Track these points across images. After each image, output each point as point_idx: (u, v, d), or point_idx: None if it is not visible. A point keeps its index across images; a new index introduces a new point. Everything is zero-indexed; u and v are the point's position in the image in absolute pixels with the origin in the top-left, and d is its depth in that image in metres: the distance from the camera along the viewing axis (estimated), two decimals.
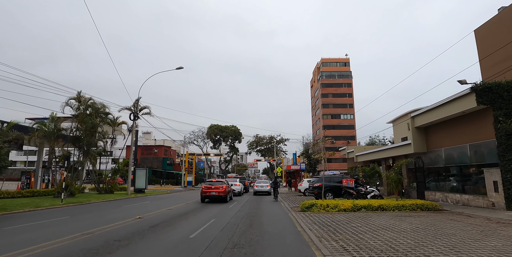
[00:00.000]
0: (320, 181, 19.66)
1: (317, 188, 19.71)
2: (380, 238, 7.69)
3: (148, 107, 29.87)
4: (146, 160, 70.74)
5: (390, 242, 7.19)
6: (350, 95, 76.43)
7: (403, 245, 6.85)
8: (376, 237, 7.76)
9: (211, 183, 20.47)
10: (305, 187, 27.19)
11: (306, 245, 7.05)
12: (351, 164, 36.81)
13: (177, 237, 8.09)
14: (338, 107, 75.60)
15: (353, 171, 27.08)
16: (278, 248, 6.75)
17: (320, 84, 77.41)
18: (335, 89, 76.47)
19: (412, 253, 6.09)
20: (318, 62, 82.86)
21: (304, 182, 27.63)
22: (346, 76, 77.68)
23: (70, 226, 10.06)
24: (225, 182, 21.15)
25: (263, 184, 28.67)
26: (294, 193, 32.70)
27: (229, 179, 28.00)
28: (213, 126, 73.93)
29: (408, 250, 6.36)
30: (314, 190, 20.54)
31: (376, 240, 7.44)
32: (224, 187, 19.98)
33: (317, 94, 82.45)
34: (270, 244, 7.22)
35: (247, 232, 8.90)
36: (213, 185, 20.01)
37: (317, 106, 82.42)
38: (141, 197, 24.51)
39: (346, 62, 78.71)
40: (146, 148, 72.59)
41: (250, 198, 24.20)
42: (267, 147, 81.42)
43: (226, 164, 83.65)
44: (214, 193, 19.65)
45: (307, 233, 8.51)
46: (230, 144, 76.13)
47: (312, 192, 21.19)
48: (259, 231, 9.13)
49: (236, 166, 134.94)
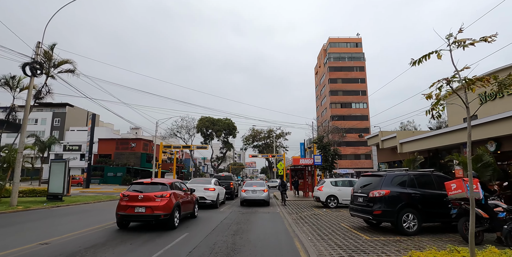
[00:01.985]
0: (383, 185, 8.37)
1: (378, 202, 8.19)
2: None
3: (71, 61, 18.49)
4: (121, 156, 59.46)
5: None
6: (362, 80, 65.15)
7: None
8: None
9: (142, 187, 9.25)
10: (328, 194, 16.01)
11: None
12: (387, 157, 25.56)
13: None
14: (348, 94, 64.32)
15: (410, 164, 15.70)
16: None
17: (328, 68, 66.09)
18: (345, 73, 65.18)
19: None
20: (324, 44, 71.56)
21: (326, 185, 16.39)
22: (358, 58, 66.38)
23: None
24: (174, 185, 9.82)
25: (256, 187, 17.41)
26: (304, 200, 21.43)
27: (195, 181, 16.59)
28: (204, 118, 62.80)
29: None
30: (370, 207, 8.48)
31: None
32: (167, 196, 8.86)
33: (323, 81, 71.15)
34: None
35: None
36: (142, 194, 8.81)
37: (323, 95, 71.13)
38: (30, 212, 13.16)
39: (357, 42, 67.42)
40: (121, 141, 61.18)
41: (231, 215, 12.98)
42: (265, 142, 70.44)
43: (219, 161, 72.39)
44: (142, 211, 8.52)
45: None
46: (223, 139, 65.07)
47: (360, 211, 9.15)
48: None
49: (231, 164, 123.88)
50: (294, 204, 18.39)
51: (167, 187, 9.17)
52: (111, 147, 60.52)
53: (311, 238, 7.72)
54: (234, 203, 19.31)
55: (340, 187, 16.21)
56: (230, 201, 20.38)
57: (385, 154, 25.76)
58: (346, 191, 16.11)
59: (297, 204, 18.36)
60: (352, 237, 7.77)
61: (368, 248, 6.61)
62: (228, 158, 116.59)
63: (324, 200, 15.96)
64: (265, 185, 18.28)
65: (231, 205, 17.84)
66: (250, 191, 17.09)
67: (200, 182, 15.87)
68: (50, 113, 67.40)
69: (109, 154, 60.31)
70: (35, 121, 66.65)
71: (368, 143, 28.17)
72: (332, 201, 15.95)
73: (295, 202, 19.85)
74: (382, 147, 24.30)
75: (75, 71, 18.48)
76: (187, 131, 57.59)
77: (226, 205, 17.73)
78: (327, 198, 15.95)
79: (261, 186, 17.70)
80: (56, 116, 67.38)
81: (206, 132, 62.87)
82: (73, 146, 64.76)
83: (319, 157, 22.19)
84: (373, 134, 26.09)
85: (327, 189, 16.19)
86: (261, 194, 16.99)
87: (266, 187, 17.89)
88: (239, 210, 14.83)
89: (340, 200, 15.94)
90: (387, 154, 25.32)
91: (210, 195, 15.05)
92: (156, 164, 38.36)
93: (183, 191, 10.69)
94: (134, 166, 57.47)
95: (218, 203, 15.76)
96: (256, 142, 70.22)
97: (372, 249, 6.47)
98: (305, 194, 25.86)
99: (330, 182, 16.49)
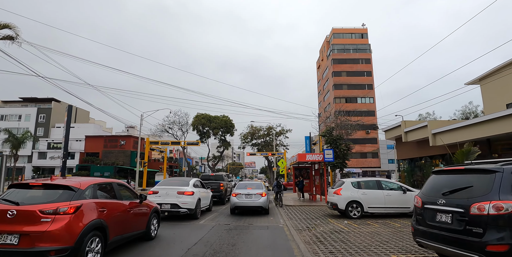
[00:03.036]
0: (504, 190, 3.99)
1: (498, 227, 3.87)
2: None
3: (12, 26, 14.12)
4: (110, 154, 55.25)
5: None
6: (369, 73, 60.81)
7: None
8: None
9: (23, 194, 4.92)
10: (349, 199, 11.69)
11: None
12: (411, 152, 21.30)
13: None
14: (353, 88, 59.98)
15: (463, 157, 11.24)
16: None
17: (331, 60, 61.75)
18: (350, 66, 60.84)
19: None
20: (327, 35, 67.28)
21: (345, 187, 12.04)
22: (363, 50, 62.04)
23: None
24: (94, 191, 5.46)
25: (252, 190, 12.91)
26: (311, 205, 17.17)
27: (166, 183, 12.00)
28: (200, 115, 58.48)
29: None
30: (475, 235, 3.96)
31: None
32: (68, 212, 4.51)
33: (326, 75, 66.84)
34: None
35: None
36: (16, 207, 4.47)
37: (326, 90, 66.84)
38: None
39: (363, 33, 63.11)
40: (110, 139, 56.85)
41: (211, 233, 8.71)
42: (264, 140, 66.17)
43: (216, 161, 68.11)
44: (8, 242, 4.17)
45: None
46: (220, 137, 60.81)
47: (448, 240, 4.36)
48: None
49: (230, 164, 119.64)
50: (301, 211, 14.09)
51: (74, 195, 4.83)
52: (99, 145, 56.21)
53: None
54: (223, 210, 15.00)
55: (364, 190, 11.93)
56: (219, 207, 16.07)
57: (408, 149, 21.43)
58: (373, 195, 11.82)
59: (304, 211, 14.05)
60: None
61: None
62: (226, 158, 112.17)
63: (344, 208, 11.65)
64: (263, 187, 13.92)
65: (219, 213, 13.53)
66: (243, 196, 12.72)
67: (174, 183, 11.52)
68: (35, 108, 63.04)
69: (97, 153, 56.01)
70: (18, 117, 62.35)
71: (386, 137, 23.83)
72: (354, 209, 11.65)
73: (301, 208, 15.54)
74: (406, 140, 19.98)
75: (16, 39, 14.13)
76: (180, 127, 53.10)
77: (212, 213, 13.41)
78: (348, 205, 11.64)
79: (258, 188, 13.36)
80: (41, 112, 63.03)
81: (202, 130, 58.59)
82: (58, 143, 60.37)
83: (330, 152, 17.85)
84: (393, 125, 21.76)
85: (347, 192, 11.87)
86: (257, 200, 12.63)
87: (265, 189, 13.55)
88: (226, 223, 10.52)
89: (365, 208, 11.65)
90: (411, 149, 21.00)
91: (186, 201, 10.72)
92: (141, 162, 33.87)
93: (127, 198, 6.40)
94: (124, 165, 53.18)
95: (198, 212, 11.43)
96: (255, 140, 65.98)
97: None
98: (311, 197, 21.57)
99: (351, 183, 12.17)
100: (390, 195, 11.82)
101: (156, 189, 10.94)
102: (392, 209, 11.80)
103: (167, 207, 10.57)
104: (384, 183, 12.32)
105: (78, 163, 55.65)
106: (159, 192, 10.80)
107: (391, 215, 12.12)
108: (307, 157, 18.58)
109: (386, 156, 58.20)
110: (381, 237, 7.91)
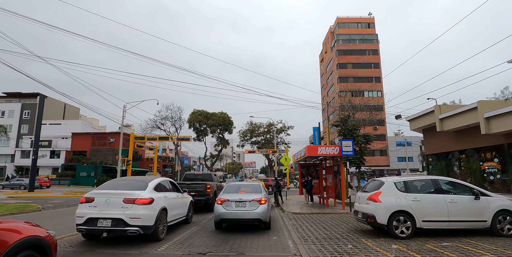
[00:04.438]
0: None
1: None
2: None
3: None
4: (98, 152, 51.32)
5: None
6: (376, 65, 56.65)
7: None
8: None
9: None
10: (394, 208, 7.59)
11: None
12: (446, 145, 17.15)
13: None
14: (360, 81, 55.77)
15: None
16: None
17: (336, 51, 57.61)
18: (356, 57, 56.69)
19: None
20: (331, 26, 63.13)
21: (385, 190, 7.94)
22: (370, 40, 57.86)
23: None
24: None
25: (245, 195, 8.77)
26: (325, 213, 13.11)
27: (110, 185, 7.69)
28: (197, 112, 54.56)
29: None
30: None
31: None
32: None
33: (330, 68, 62.72)
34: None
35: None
36: None
37: (330, 83, 62.70)
38: None
39: (370, 22, 58.94)
40: (98, 136, 52.88)
41: None
42: (265, 137, 62.16)
43: (213, 160, 64.05)
44: None
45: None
46: (218, 135, 56.83)
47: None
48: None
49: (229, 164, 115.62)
50: (315, 223, 9.98)
51: None
52: (87, 142, 52.25)
53: None
54: (207, 221, 10.90)
55: (416, 194, 7.83)
56: (204, 217, 11.96)
57: (441, 141, 17.28)
58: (430, 202, 7.75)
59: (320, 223, 9.95)
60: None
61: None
62: (226, 157, 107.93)
63: (386, 222, 7.56)
64: (263, 190, 9.73)
65: (200, 227, 9.42)
66: (233, 203, 8.57)
67: (122, 186, 7.40)
68: (19, 104, 58.94)
69: (84, 151, 52.07)
70: (1, 113, 58.24)
71: (411, 127, 19.68)
72: (402, 223, 7.56)
73: (314, 218, 11.42)
74: (441, 129, 15.87)
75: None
76: (173, 123, 48.97)
77: (189, 228, 9.29)
78: (393, 218, 7.55)
79: (254, 192, 9.23)
80: (25, 108, 58.90)
81: (199, 127, 54.58)
82: (43, 141, 56.26)
83: (349, 143, 13.72)
84: (423, 111, 17.55)
85: (390, 198, 7.77)
86: (253, 209, 8.46)
87: (265, 194, 9.37)
88: (200, 252, 6.40)
89: (418, 222, 7.56)
90: (446, 141, 16.84)
91: (138, 214, 6.61)
92: (125, 160, 29.72)
93: None
94: (113, 164, 49.05)
95: (162, 229, 7.31)
96: (254, 138, 61.96)
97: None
98: (322, 201, 17.43)
99: (395, 185, 8.06)
100: (455, 202, 7.73)
101: (91, 195, 6.83)
102: (459, 223, 7.71)
103: (106, 224, 6.48)
104: (444, 184, 8.22)
105: (63, 162, 51.72)
106: (94, 199, 6.71)
107: (455, 231, 8.06)
108: (319, 151, 14.42)
109: (395, 153, 54.12)
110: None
